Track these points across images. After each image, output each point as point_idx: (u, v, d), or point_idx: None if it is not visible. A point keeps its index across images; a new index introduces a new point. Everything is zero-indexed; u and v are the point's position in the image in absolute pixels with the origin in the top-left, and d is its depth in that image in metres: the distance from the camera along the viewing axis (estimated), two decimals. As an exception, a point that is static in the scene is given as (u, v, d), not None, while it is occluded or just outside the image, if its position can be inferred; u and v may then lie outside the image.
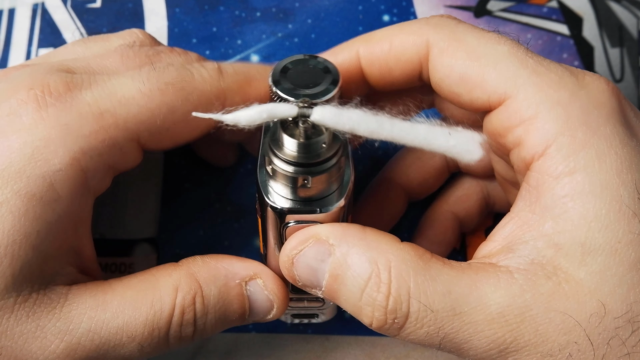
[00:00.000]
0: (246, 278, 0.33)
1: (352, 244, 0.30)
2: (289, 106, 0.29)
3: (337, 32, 0.46)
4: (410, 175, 0.41)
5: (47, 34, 0.45)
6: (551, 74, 0.31)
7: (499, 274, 0.29)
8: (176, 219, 0.44)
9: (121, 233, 0.43)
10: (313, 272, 0.31)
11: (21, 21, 0.46)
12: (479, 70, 0.32)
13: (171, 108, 0.32)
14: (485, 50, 0.32)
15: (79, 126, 0.31)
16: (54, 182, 0.30)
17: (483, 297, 0.29)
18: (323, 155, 0.29)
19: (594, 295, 0.28)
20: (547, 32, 0.47)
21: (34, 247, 0.30)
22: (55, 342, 0.30)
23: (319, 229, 0.31)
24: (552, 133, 0.30)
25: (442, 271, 0.30)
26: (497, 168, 0.38)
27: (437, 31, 0.33)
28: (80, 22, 0.46)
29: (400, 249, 0.30)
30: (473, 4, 0.48)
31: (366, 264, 0.30)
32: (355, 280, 0.30)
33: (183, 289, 0.32)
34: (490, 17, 0.48)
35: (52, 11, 0.46)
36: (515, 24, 0.48)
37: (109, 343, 0.31)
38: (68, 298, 0.31)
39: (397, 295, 0.29)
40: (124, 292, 0.31)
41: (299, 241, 0.31)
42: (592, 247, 0.29)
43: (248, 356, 0.41)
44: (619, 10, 0.48)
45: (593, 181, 0.29)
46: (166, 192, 0.44)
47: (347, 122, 0.29)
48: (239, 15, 0.46)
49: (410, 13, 0.47)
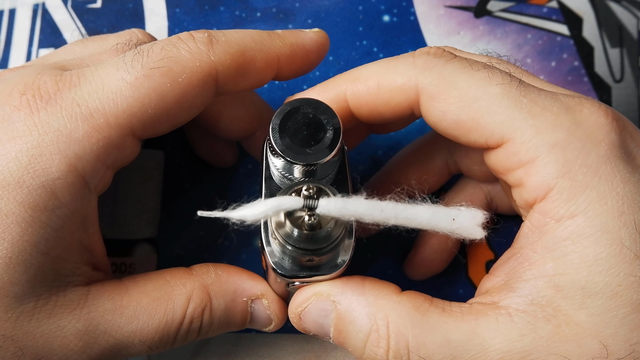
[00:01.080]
0: (253, 297, 0.35)
1: (351, 300, 0.31)
2: (294, 199, 0.29)
3: (337, 32, 0.46)
4: (409, 176, 0.40)
5: (47, 34, 0.45)
6: (547, 113, 0.31)
7: (498, 317, 0.30)
8: (176, 219, 0.43)
9: (121, 233, 0.42)
10: (319, 326, 0.32)
11: (22, 21, 0.46)
12: (473, 116, 0.31)
13: (160, 94, 0.31)
14: (477, 94, 0.31)
15: (71, 130, 0.30)
16: (55, 190, 0.30)
17: (483, 344, 0.29)
18: (327, 241, 0.29)
19: (596, 337, 0.28)
20: (547, 33, 0.47)
21: (45, 254, 0.30)
22: (74, 341, 0.31)
23: (320, 287, 0.32)
24: (552, 177, 0.30)
25: (440, 320, 0.30)
26: None
27: (425, 74, 0.32)
28: (81, 22, 0.46)
29: (397, 302, 0.31)
30: (473, 4, 0.48)
31: (365, 319, 0.31)
32: (357, 335, 0.31)
33: (195, 301, 0.33)
34: (490, 17, 0.48)
35: (52, 11, 0.46)
36: (515, 24, 0.48)
37: (122, 344, 0.32)
38: (88, 299, 0.32)
39: (397, 350, 0.30)
40: (140, 299, 0.33)
41: (303, 299, 0.32)
42: (592, 290, 0.29)
43: (248, 356, 0.41)
44: (619, 11, 0.48)
45: (594, 224, 0.29)
46: (166, 192, 0.44)
47: (353, 214, 0.28)
48: (239, 15, 0.46)
49: (410, 13, 0.47)
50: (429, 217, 0.29)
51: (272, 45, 0.34)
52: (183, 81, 0.32)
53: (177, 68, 0.32)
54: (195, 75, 0.32)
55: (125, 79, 0.31)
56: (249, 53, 0.33)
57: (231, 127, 0.40)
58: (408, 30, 0.47)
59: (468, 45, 0.47)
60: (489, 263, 0.44)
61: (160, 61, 0.31)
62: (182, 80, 0.32)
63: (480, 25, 0.47)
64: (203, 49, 0.32)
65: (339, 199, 0.28)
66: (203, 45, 0.32)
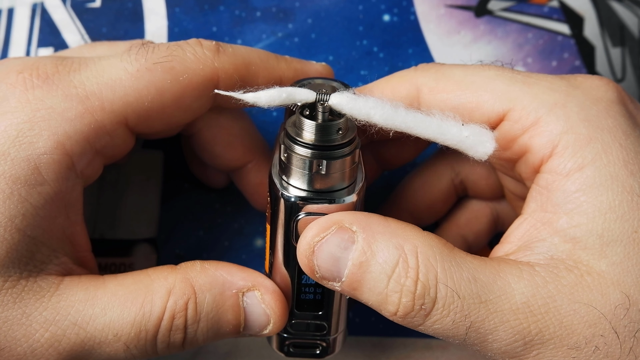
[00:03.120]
0: (244, 289, 0.32)
1: (376, 231, 0.30)
2: (308, 91, 0.30)
3: (337, 31, 0.46)
4: (417, 200, 0.40)
5: (46, 33, 0.45)
6: (542, 82, 0.32)
7: (520, 266, 0.29)
8: (176, 219, 0.43)
9: (121, 233, 0.42)
10: (335, 261, 0.30)
11: (20, 21, 0.46)
12: (472, 97, 0.32)
13: (159, 89, 0.32)
14: (473, 78, 0.32)
15: (64, 109, 0.30)
16: (39, 165, 0.30)
17: (507, 287, 0.29)
18: (338, 141, 0.30)
19: (618, 287, 0.28)
20: (548, 32, 0.47)
21: (20, 231, 0.29)
22: (40, 331, 0.30)
23: (342, 216, 0.30)
24: (556, 133, 0.30)
25: (466, 259, 0.29)
26: (505, 184, 0.38)
27: (423, 74, 0.33)
28: (80, 21, 0.45)
29: (425, 236, 0.30)
30: (474, 3, 0.48)
31: (393, 250, 0.29)
32: (382, 267, 0.29)
33: (176, 293, 0.31)
34: (491, 16, 0.47)
35: (51, 11, 0.46)
36: (516, 24, 0.47)
37: (94, 339, 0.30)
38: (59, 288, 0.30)
39: (425, 280, 0.29)
40: (116, 290, 0.31)
41: (321, 228, 0.30)
42: (610, 238, 0.29)
43: (248, 356, 0.41)
44: (620, 10, 0.48)
45: (603, 173, 0.29)
46: (166, 192, 0.44)
47: (364, 107, 0.30)
48: (239, 15, 0.46)
49: (411, 13, 0.47)
50: (438, 122, 0.30)
51: (277, 67, 0.34)
52: (184, 81, 0.32)
53: (179, 67, 0.32)
54: (196, 77, 0.32)
55: (127, 69, 0.31)
56: (253, 68, 0.33)
57: (224, 154, 0.38)
58: (408, 30, 0.46)
59: (469, 44, 0.47)
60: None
61: (164, 57, 0.32)
62: (183, 80, 0.32)
63: (480, 24, 0.47)
64: (208, 55, 0.32)
65: (351, 94, 0.30)
66: (209, 51, 0.33)
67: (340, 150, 0.30)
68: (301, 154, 0.30)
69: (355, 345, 0.42)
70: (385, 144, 0.39)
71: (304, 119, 0.30)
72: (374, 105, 0.30)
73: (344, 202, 0.31)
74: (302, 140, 0.30)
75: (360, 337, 0.42)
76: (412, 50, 0.46)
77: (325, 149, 0.30)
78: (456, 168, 0.40)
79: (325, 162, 0.30)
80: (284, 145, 0.31)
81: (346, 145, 0.30)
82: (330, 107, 0.30)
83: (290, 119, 0.31)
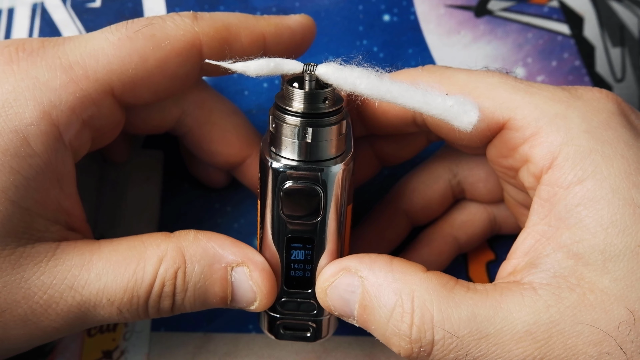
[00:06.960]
0: (233, 263, 0.33)
1: (379, 276, 0.31)
2: (294, 62, 0.31)
3: (337, 31, 0.46)
4: (413, 200, 0.40)
5: (46, 33, 0.45)
6: (543, 92, 0.32)
7: (522, 292, 0.29)
8: (176, 219, 0.43)
9: (121, 233, 0.42)
10: (345, 303, 0.32)
11: (20, 21, 0.46)
12: None
13: (142, 56, 0.32)
14: (476, 84, 0.33)
15: (48, 79, 0.31)
16: (28, 136, 0.30)
17: (508, 317, 0.29)
18: (325, 110, 0.31)
19: (622, 303, 0.28)
20: (547, 32, 0.47)
21: (14, 203, 0.30)
22: (39, 293, 0.31)
23: (349, 262, 0.32)
24: (556, 145, 0.30)
25: (465, 296, 0.30)
26: (507, 190, 0.38)
27: (429, 75, 0.34)
28: (80, 21, 0.45)
29: (424, 279, 0.31)
30: (473, 3, 0.48)
31: (391, 294, 0.31)
32: (382, 311, 0.31)
33: (167, 261, 0.32)
34: (490, 16, 0.47)
35: (51, 11, 0.46)
36: (515, 24, 0.47)
37: (89, 302, 0.31)
38: (55, 253, 0.31)
39: (421, 324, 0.30)
40: (111, 256, 0.32)
41: (331, 273, 0.32)
42: (612, 253, 0.29)
43: (248, 356, 0.41)
44: (620, 10, 0.48)
45: (604, 186, 0.29)
46: (166, 192, 0.44)
47: (349, 77, 0.30)
48: (239, 14, 0.46)
49: (411, 13, 0.47)
50: (423, 92, 0.30)
51: (257, 24, 0.35)
52: (166, 47, 0.32)
53: (160, 34, 0.32)
54: (178, 42, 0.33)
55: (109, 39, 0.32)
56: (234, 29, 0.34)
57: (222, 151, 0.39)
58: (408, 30, 0.47)
59: (469, 44, 0.47)
60: (490, 263, 0.44)
61: (145, 27, 0.32)
62: (165, 46, 0.32)
63: (480, 24, 0.47)
64: (187, 22, 0.33)
65: (337, 65, 0.30)
66: (188, 18, 0.33)
67: (327, 119, 0.31)
68: (288, 122, 0.31)
69: (356, 345, 0.42)
70: (385, 139, 0.39)
71: (291, 88, 0.31)
72: (360, 75, 0.30)
73: (330, 172, 0.31)
74: (289, 109, 0.31)
75: (360, 337, 0.42)
76: (412, 50, 0.46)
77: (312, 116, 0.31)
78: (454, 170, 0.40)
79: (311, 129, 0.31)
80: (272, 116, 0.31)
81: (333, 114, 0.31)
82: (317, 77, 0.31)
83: (279, 92, 0.32)
